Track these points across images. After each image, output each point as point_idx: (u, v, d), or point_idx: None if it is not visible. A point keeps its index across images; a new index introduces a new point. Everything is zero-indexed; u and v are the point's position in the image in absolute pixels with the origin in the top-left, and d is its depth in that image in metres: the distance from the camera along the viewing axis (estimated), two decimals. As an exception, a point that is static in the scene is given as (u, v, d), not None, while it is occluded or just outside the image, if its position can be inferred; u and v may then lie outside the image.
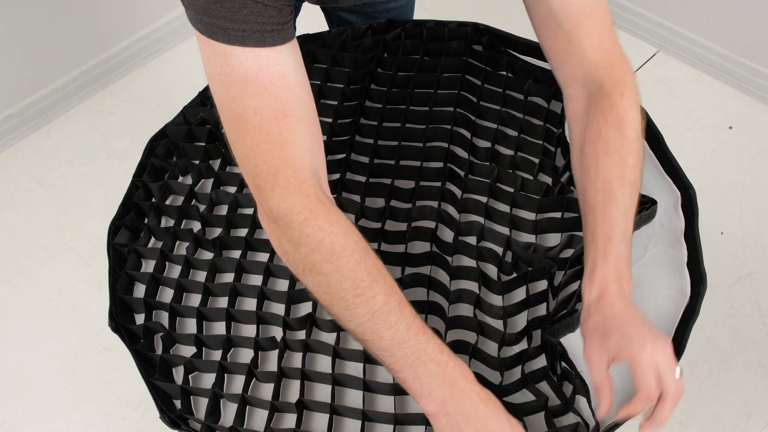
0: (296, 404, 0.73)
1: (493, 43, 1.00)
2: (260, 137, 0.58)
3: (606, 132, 0.70)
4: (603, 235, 0.68)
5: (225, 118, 0.60)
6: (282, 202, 0.59)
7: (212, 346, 0.80)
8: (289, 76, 0.58)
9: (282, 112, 0.58)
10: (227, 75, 0.57)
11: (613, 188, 0.68)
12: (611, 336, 0.64)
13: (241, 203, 0.89)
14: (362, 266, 0.60)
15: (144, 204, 0.88)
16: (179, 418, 0.74)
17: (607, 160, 0.69)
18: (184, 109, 0.96)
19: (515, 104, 0.96)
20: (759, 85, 1.88)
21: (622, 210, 0.68)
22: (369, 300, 0.60)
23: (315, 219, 0.60)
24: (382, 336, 0.60)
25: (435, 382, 0.61)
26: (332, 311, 0.62)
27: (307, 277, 0.62)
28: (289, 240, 0.61)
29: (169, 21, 2.02)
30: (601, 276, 0.67)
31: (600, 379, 0.65)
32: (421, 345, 0.61)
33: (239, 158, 0.61)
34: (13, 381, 1.48)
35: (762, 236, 1.64)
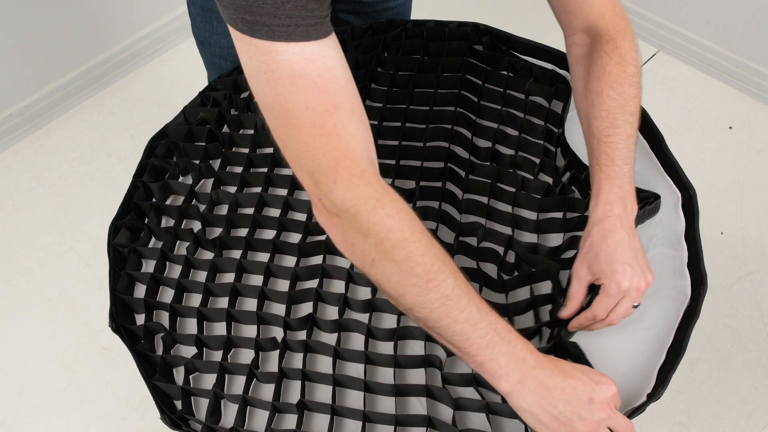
0: (297, 405, 0.73)
1: (493, 42, 1.00)
2: (315, 131, 0.58)
3: (610, 68, 0.76)
4: (606, 158, 0.74)
5: (272, 116, 0.59)
6: (346, 194, 0.59)
7: (213, 347, 0.79)
8: (335, 68, 0.58)
9: (333, 105, 0.57)
10: (273, 72, 0.56)
11: (615, 116, 0.75)
12: (600, 261, 0.70)
13: (241, 203, 0.89)
14: (431, 251, 0.61)
15: (144, 204, 0.88)
16: (180, 418, 0.74)
17: (610, 92, 0.75)
18: (185, 109, 0.96)
19: (516, 104, 0.96)
20: (759, 85, 1.88)
21: (624, 136, 0.74)
22: (441, 284, 0.60)
23: (382, 207, 0.59)
24: (456, 319, 0.61)
25: (510, 361, 0.62)
26: (404, 300, 0.62)
27: (376, 268, 0.61)
28: (356, 231, 0.60)
29: (169, 21, 2.02)
30: (606, 197, 0.72)
31: (575, 293, 0.73)
32: (491, 325, 0.62)
33: (292, 155, 0.60)
34: (13, 381, 1.48)
35: (762, 236, 1.64)
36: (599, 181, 0.74)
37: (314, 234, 0.87)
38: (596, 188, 0.74)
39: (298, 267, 0.82)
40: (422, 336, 0.78)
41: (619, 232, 0.71)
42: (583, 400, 0.63)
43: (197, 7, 1.01)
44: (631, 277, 0.69)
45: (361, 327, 0.78)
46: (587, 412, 0.63)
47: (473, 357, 0.63)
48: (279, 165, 0.93)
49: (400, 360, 0.76)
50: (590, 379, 0.65)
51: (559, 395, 0.63)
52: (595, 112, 0.76)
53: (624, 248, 0.71)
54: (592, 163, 0.76)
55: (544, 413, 0.63)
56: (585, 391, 0.64)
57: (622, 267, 0.69)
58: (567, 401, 0.63)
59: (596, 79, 0.77)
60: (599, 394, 0.64)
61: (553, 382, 0.63)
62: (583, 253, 0.73)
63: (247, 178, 0.90)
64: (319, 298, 0.81)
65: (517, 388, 0.63)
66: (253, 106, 0.97)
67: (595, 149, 0.76)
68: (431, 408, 0.74)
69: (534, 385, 0.63)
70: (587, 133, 0.78)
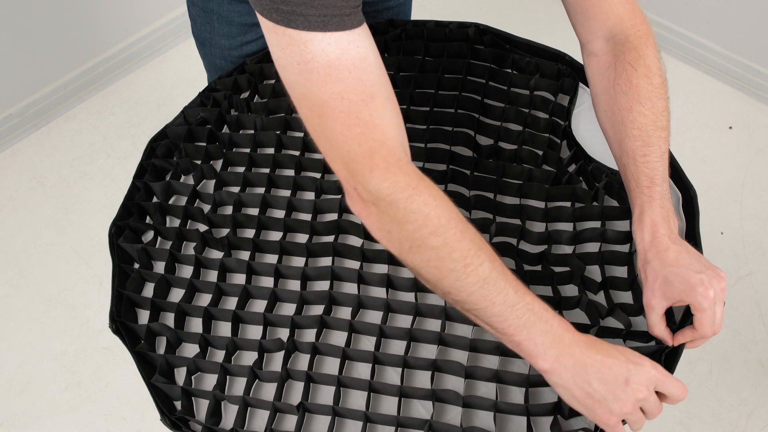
0: (297, 406, 0.73)
1: (495, 42, 1.00)
2: (350, 121, 0.58)
3: (636, 81, 0.75)
4: (646, 180, 0.73)
5: (306, 107, 0.59)
6: (383, 182, 0.59)
7: (217, 347, 0.79)
8: (369, 57, 0.58)
9: (368, 94, 0.58)
10: (308, 63, 0.56)
11: (649, 134, 0.74)
12: (674, 284, 0.69)
13: (245, 203, 0.89)
14: (467, 236, 0.61)
15: (147, 204, 0.88)
16: (180, 420, 0.74)
17: (640, 108, 0.74)
18: (185, 110, 0.96)
19: (520, 100, 0.96)
20: (759, 85, 1.88)
21: (659, 154, 0.74)
22: (478, 268, 0.61)
23: (419, 194, 0.60)
24: (494, 302, 0.62)
25: (547, 340, 0.63)
26: (441, 285, 0.62)
27: (414, 255, 0.61)
28: (393, 219, 0.60)
29: (169, 21, 2.02)
30: (650, 219, 0.72)
31: (655, 325, 0.71)
32: (528, 306, 0.63)
33: (327, 145, 0.60)
34: (13, 381, 1.48)
35: (762, 236, 1.64)
36: (641, 204, 0.73)
37: (320, 234, 0.86)
38: (638, 212, 0.73)
39: (307, 268, 0.82)
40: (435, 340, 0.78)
41: (672, 247, 0.70)
42: (620, 380, 0.64)
43: (197, 8, 1.01)
44: (711, 284, 0.68)
45: (373, 328, 0.78)
46: (623, 392, 0.63)
47: (510, 337, 0.63)
48: (281, 166, 0.93)
49: (410, 361, 0.76)
50: (628, 359, 0.65)
51: (594, 373, 0.63)
52: (626, 130, 0.75)
53: (686, 260, 0.69)
54: (630, 185, 0.75)
55: (578, 390, 0.64)
56: (621, 372, 0.64)
57: (698, 279, 0.68)
58: (602, 380, 0.63)
59: (624, 95, 0.75)
60: (636, 376, 0.64)
61: (589, 360, 0.64)
62: (650, 283, 0.71)
63: (249, 179, 0.90)
64: (332, 300, 0.81)
65: (554, 366, 0.63)
66: (253, 107, 0.97)
67: (632, 170, 0.74)
68: (437, 410, 0.74)
69: (570, 362, 0.63)
70: (619, 152, 0.77)
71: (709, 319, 0.68)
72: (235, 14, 0.98)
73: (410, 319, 0.79)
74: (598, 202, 0.86)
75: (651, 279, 0.71)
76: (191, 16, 1.04)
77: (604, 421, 0.64)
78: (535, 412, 0.73)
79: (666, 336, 0.72)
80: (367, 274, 0.81)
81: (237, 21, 0.98)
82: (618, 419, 0.64)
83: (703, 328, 0.69)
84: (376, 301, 0.80)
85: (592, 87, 0.81)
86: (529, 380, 0.74)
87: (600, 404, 0.64)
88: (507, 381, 0.75)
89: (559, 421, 0.72)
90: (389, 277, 0.81)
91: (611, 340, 0.76)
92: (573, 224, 0.85)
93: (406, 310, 0.80)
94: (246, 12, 0.98)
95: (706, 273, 0.68)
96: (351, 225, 0.85)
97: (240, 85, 0.99)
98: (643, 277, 0.72)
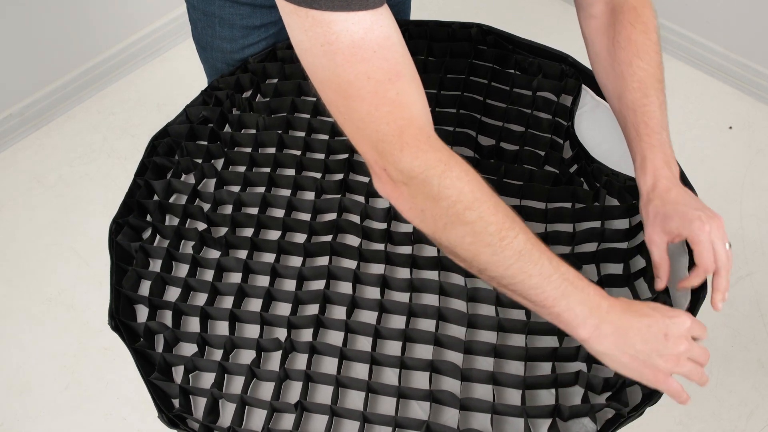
0: (295, 405, 0.73)
1: (498, 42, 1.00)
2: (377, 101, 0.57)
3: (635, 37, 0.78)
4: (645, 128, 0.76)
5: (331, 89, 0.58)
6: (415, 160, 0.59)
7: (215, 346, 0.79)
8: (393, 36, 0.58)
9: (394, 73, 0.57)
10: (332, 44, 0.56)
11: (647, 86, 0.77)
12: (672, 219, 0.72)
13: (245, 203, 0.89)
14: (500, 209, 0.61)
15: (147, 202, 0.88)
16: (177, 417, 0.74)
17: (639, 63, 0.77)
18: (187, 108, 0.96)
19: (523, 100, 0.96)
20: (759, 85, 1.88)
21: (657, 104, 0.77)
22: (513, 240, 0.61)
23: (451, 170, 0.59)
24: (531, 273, 0.62)
25: (585, 309, 0.64)
26: (477, 261, 0.62)
27: (449, 232, 0.61)
28: (427, 197, 0.60)
29: (168, 21, 2.02)
30: (652, 165, 0.75)
31: (660, 259, 0.74)
32: (564, 276, 0.63)
33: (354, 127, 0.60)
34: (13, 381, 1.48)
35: (762, 236, 1.64)
36: (642, 150, 0.76)
37: (319, 234, 0.86)
38: (640, 158, 0.76)
39: (304, 268, 0.82)
40: (431, 340, 0.78)
41: (674, 188, 0.74)
42: (659, 337, 0.65)
43: (198, 12, 1.00)
44: (707, 221, 0.71)
45: (369, 328, 0.78)
46: (665, 348, 0.65)
47: (549, 309, 0.63)
48: (282, 165, 0.92)
49: (407, 362, 0.76)
50: (663, 315, 0.66)
51: (635, 335, 0.64)
52: (626, 83, 0.78)
53: (686, 198, 0.73)
54: (630, 135, 0.78)
55: (623, 355, 0.64)
56: (660, 328, 0.65)
57: (696, 215, 0.71)
58: (644, 340, 0.64)
59: (623, 50, 0.78)
60: (674, 329, 0.65)
61: (629, 324, 0.64)
62: (651, 220, 0.74)
63: (250, 178, 0.90)
64: (326, 300, 0.81)
65: (594, 334, 0.64)
66: (255, 106, 0.97)
67: (632, 120, 0.77)
68: (434, 411, 0.74)
69: (610, 329, 0.64)
70: (619, 105, 0.79)
71: (707, 251, 0.71)
72: (237, 17, 0.97)
73: (404, 320, 0.79)
74: (599, 203, 0.86)
75: (652, 216, 0.74)
76: (191, 20, 1.04)
77: (653, 380, 0.65)
78: (533, 414, 0.73)
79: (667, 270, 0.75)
80: (364, 274, 0.81)
81: (239, 24, 0.98)
82: (666, 376, 0.65)
83: (703, 260, 0.71)
84: (370, 301, 0.80)
85: (591, 47, 0.84)
86: (525, 382, 0.74)
87: (646, 364, 0.65)
88: (503, 382, 0.75)
89: (557, 423, 0.72)
90: (385, 278, 0.81)
91: None
92: (573, 225, 0.85)
93: (400, 311, 0.80)
94: (248, 14, 0.97)
95: (704, 211, 0.72)
96: (350, 225, 0.85)
97: (242, 84, 0.99)
98: (645, 216, 0.75)
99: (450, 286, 0.80)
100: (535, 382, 0.74)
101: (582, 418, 0.73)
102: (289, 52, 1.01)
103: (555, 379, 0.74)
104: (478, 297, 0.81)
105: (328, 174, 0.91)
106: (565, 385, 0.75)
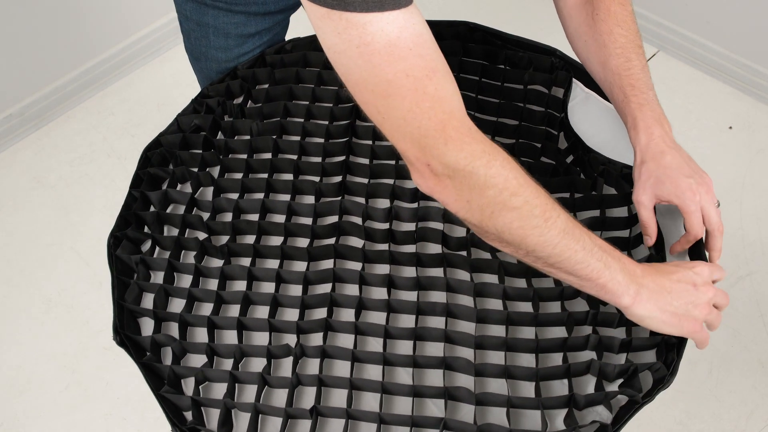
0: (310, 411, 0.72)
1: (486, 38, 1.01)
2: (418, 97, 0.58)
3: (614, 8, 0.82)
4: (631, 89, 0.80)
5: (368, 90, 0.59)
6: (460, 152, 0.60)
7: (224, 356, 0.78)
8: (425, 33, 0.58)
9: (431, 69, 0.58)
10: (368, 45, 0.56)
11: (629, 51, 0.81)
12: (664, 185, 0.76)
13: (244, 210, 0.88)
14: (541, 192, 0.64)
15: (144, 214, 0.87)
16: (191, 430, 0.73)
17: (620, 30, 0.82)
18: (178, 117, 0.94)
19: (515, 95, 0.96)
20: (759, 85, 1.88)
21: (640, 66, 0.81)
22: (556, 220, 0.63)
23: (495, 159, 0.61)
24: (576, 249, 0.65)
25: (626, 276, 0.67)
26: (525, 244, 0.64)
27: (496, 219, 0.63)
28: (473, 188, 0.61)
29: (168, 21, 2.02)
30: (644, 123, 0.78)
31: (648, 219, 0.78)
32: (602, 248, 0.67)
33: (395, 125, 0.60)
34: (13, 381, 1.48)
35: (762, 236, 1.64)
36: (632, 111, 0.79)
37: (321, 238, 0.86)
38: (631, 119, 0.79)
39: (309, 272, 0.82)
40: (441, 337, 0.78)
41: (668, 151, 0.77)
42: (689, 288, 0.70)
43: (191, 22, 0.99)
44: (697, 187, 0.75)
45: (379, 329, 0.78)
46: (697, 298, 0.70)
47: (595, 281, 0.66)
48: (278, 170, 0.92)
49: (419, 361, 0.76)
50: (685, 268, 0.71)
51: (671, 293, 0.69)
52: (609, 51, 0.82)
53: (678, 164, 0.76)
54: (618, 98, 0.81)
55: (665, 314, 0.69)
56: (687, 280, 0.70)
57: (687, 183, 0.75)
58: (679, 296, 0.69)
59: (603, 21, 0.82)
60: (698, 278, 0.71)
61: (662, 284, 0.69)
62: (643, 181, 0.77)
63: (247, 184, 0.90)
64: (333, 303, 0.80)
65: (636, 300, 0.68)
66: (248, 112, 0.96)
67: (617, 84, 0.81)
68: (450, 408, 0.74)
69: (647, 292, 0.68)
70: (603, 73, 0.83)
71: (697, 219, 0.76)
72: (232, 26, 0.97)
73: (413, 318, 0.79)
74: (597, 191, 0.86)
75: (644, 177, 0.77)
76: (184, 32, 1.03)
77: (692, 331, 0.70)
78: (549, 405, 0.73)
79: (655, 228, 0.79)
80: (369, 275, 0.81)
81: (234, 33, 0.98)
82: (701, 325, 0.71)
83: (693, 228, 0.76)
84: (377, 302, 0.79)
85: (569, 23, 0.88)
86: (538, 374, 0.74)
87: (685, 317, 0.69)
88: (516, 375, 0.75)
89: (573, 413, 0.72)
90: (391, 277, 0.81)
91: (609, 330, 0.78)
92: (573, 214, 0.85)
93: (408, 310, 0.80)
94: (242, 23, 0.97)
95: (695, 178, 0.76)
96: (352, 226, 0.85)
97: (232, 90, 0.98)
98: (637, 176, 0.78)
99: (457, 283, 0.80)
100: (548, 373, 0.74)
101: (596, 407, 0.73)
102: (278, 57, 1.00)
103: (567, 369, 0.74)
104: (486, 292, 0.81)
105: (325, 177, 0.91)
106: (577, 374, 0.76)
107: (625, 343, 0.75)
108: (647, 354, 0.77)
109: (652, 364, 0.73)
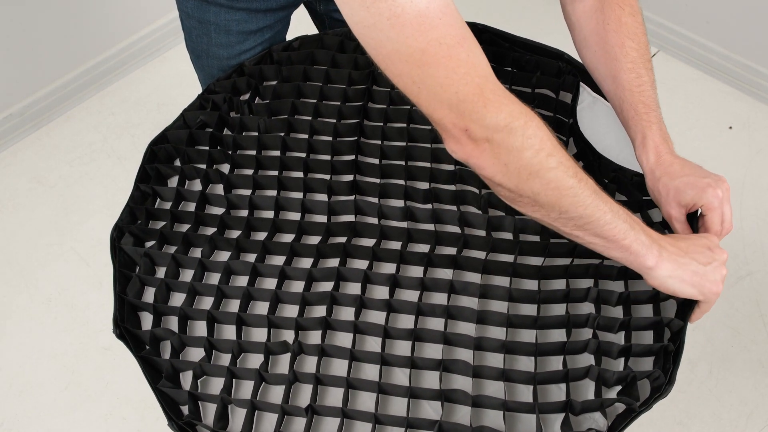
0: (306, 409, 0.72)
1: (494, 40, 1.00)
2: (453, 64, 0.59)
3: (625, 19, 0.81)
4: (643, 107, 0.80)
5: (402, 61, 0.59)
6: (499, 114, 0.61)
7: (223, 350, 0.79)
8: (451, 4, 0.60)
9: (461, 36, 0.59)
10: (399, 16, 0.57)
11: (639, 66, 0.81)
12: (685, 192, 0.76)
13: (257, 205, 0.88)
14: (569, 154, 0.65)
15: (153, 209, 0.87)
16: (187, 424, 0.73)
17: (631, 44, 0.81)
18: (184, 113, 0.94)
19: (522, 98, 0.96)
20: (759, 85, 1.88)
21: (650, 83, 0.81)
22: (587, 181, 0.65)
23: (531, 119, 0.62)
24: (605, 210, 0.66)
25: (648, 237, 0.69)
26: (560, 204, 0.65)
27: (533, 181, 0.63)
28: (510, 149, 0.62)
29: (168, 21, 2.02)
30: (653, 141, 0.79)
31: (683, 232, 0.78)
32: (625, 210, 0.69)
33: (431, 93, 0.61)
34: (13, 381, 1.48)
35: (762, 236, 1.64)
36: (642, 129, 0.80)
37: (336, 236, 0.86)
38: (641, 136, 0.80)
39: (313, 269, 0.81)
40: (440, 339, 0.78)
41: (676, 161, 0.78)
42: (705, 251, 0.72)
43: (193, 20, 0.99)
44: (717, 185, 0.76)
45: (378, 329, 0.78)
46: (714, 259, 0.72)
47: (621, 242, 0.68)
48: (288, 168, 0.92)
49: (417, 362, 0.76)
50: (695, 235, 0.74)
51: (690, 254, 0.71)
52: (620, 65, 0.81)
53: (691, 169, 0.77)
54: (628, 114, 0.81)
55: (686, 273, 0.70)
56: (701, 244, 0.73)
57: (706, 182, 0.75)
58: (698, 257, 0.72)
59: (615, 33, 0.81)
60: (710, 242, 0.74)
61: (679, 246, 0.72)
62: (664, 197, 0.78)
63: (259, 181, 0.89)
64: (333, 301, 0.80)
65: (659, 261, 0.69)
66: (255, 109, 0.96)
67: (629, 100, 0.81)
68: (446, 410, 0.74)
69: (667, 254, 0.70)
70: (614, 87, 0.82)
71: (718, 217, 0.76)
72: (233, 23, 0.97)
73: (413, 319, 0.79)
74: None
75: (664, 193, 0.78)
76: (185, 29, 1.03)
77: (714, 291, 0.72)
78: (545, 409, 0.73)
79: None
80: (374, 274, 0.81)
81: (235, 30, 0.98)
82: (721, 287, 0.73)
83: (714, 226, 0.76)
84: (378, 301, 0.79)
85: (578, 30, 0.86)
86: (536, 378, 0.74)
87: (706, 277, 0.71)
88: (514, 379, 0.75)
89: (569, 418, 0.72)
90: (395, 277, 0.80)
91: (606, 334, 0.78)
92: None
93: (408, 310, 0.80)
94: (244, 20, 0.97)
95: (711, 177, 0.76)
96: (364, 227, 0.85)
97: (239, 87, 0.98)
98: (657, 194, 0.79)
99: (461, 284, 0.80)
100: (546, 377, 0.74)
101: (593, 413, 0.73)
102: (285, 54, 1.00)
103: (566, 374, 0.74)
104: (491, 294, 0.80)
105: (335, 175, 0.91)
106: (575, 379, 0.75)
107: (624, 348, 0.75)
108: (645, 361, 0.76)
109: (651, 372, 0.73)
